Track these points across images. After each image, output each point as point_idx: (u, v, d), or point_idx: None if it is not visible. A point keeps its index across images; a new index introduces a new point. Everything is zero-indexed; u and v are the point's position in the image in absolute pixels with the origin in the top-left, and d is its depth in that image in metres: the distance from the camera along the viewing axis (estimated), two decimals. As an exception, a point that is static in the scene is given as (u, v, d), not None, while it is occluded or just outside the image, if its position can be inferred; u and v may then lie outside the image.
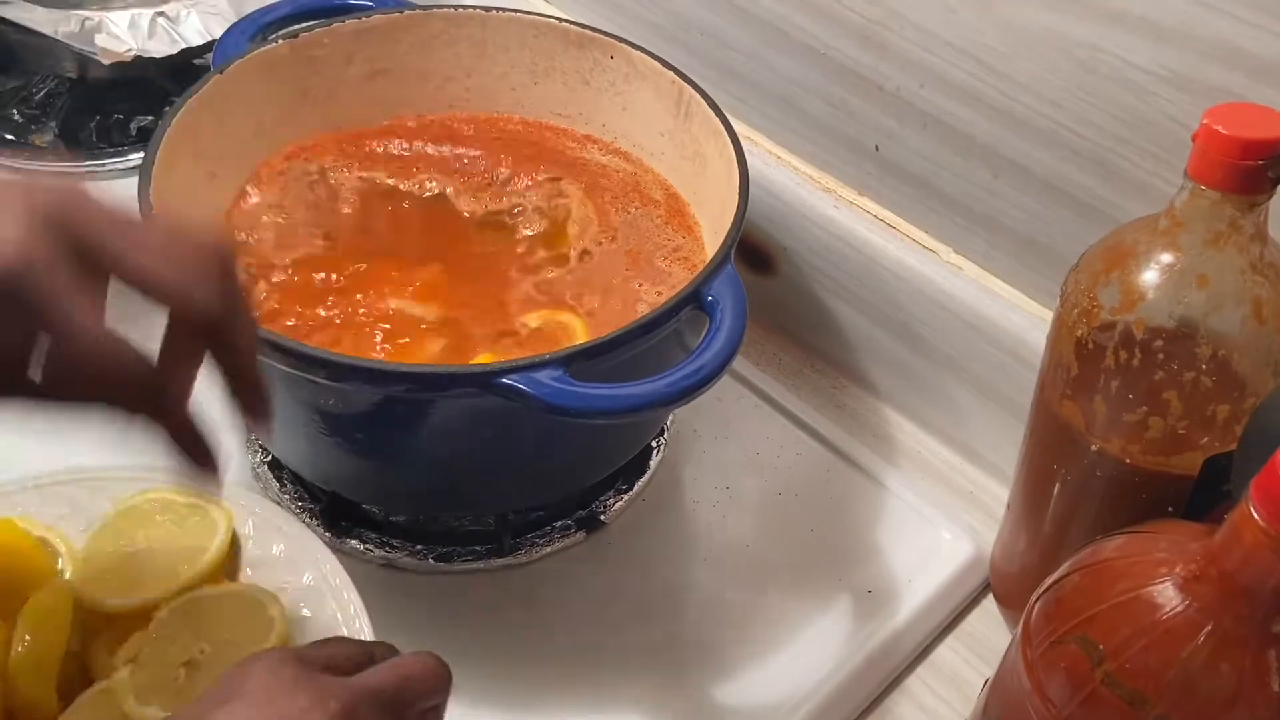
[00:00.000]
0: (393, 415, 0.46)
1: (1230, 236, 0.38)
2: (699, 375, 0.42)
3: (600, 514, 0.54)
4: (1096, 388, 0.41)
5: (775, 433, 0.58)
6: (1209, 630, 0.33)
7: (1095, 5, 0.45)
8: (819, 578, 0.52)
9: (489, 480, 0.50)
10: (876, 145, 0.57)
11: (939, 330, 0.57)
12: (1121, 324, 0.40)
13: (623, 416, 0.42)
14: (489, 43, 0.58)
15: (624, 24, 0.67)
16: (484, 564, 0.52)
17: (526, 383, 0.41)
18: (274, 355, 0.42)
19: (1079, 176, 0.49)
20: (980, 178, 0.53)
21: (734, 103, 0.62)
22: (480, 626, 0.50)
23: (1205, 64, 0.43)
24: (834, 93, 0.57)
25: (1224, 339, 0.39)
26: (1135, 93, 0.45)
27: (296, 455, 0.52)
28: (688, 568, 0.53)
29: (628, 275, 0.53)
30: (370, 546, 0.52)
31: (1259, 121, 0.36)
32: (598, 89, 0.59)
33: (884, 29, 0.53)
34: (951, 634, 0.52)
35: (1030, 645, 0.37)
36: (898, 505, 0.55)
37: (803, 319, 0.63)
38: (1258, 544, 0.31)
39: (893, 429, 0.61)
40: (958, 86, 0.52)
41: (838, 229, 0.59)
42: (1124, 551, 0.36)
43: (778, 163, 0.61)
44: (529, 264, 0.53)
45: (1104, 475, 0.43)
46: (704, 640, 0.50)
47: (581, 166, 0.58)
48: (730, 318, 0.44)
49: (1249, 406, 0.39)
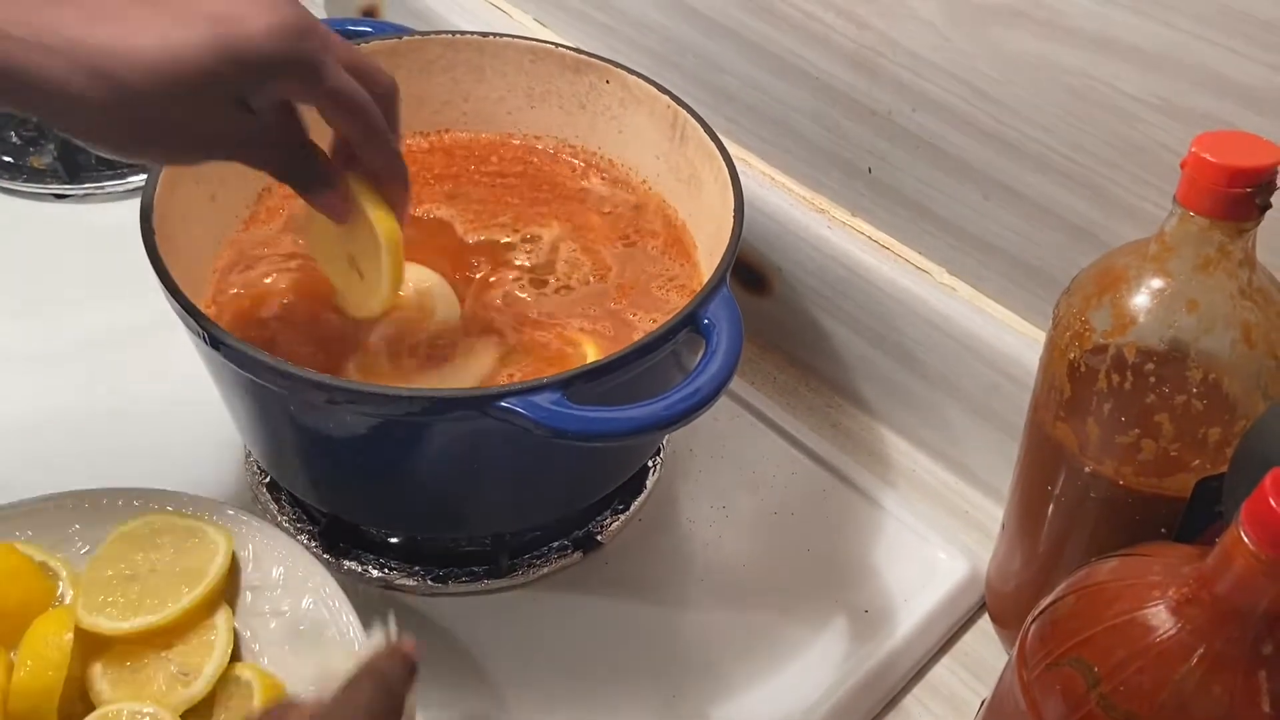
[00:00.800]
0: (391, 438, 0.46)
1: (1219, 262, 0.39)
2: (696, 398, 0.42)
3: (597, 534, 0.54)
4: (1089, 410, 0.42)
5: (771, 452, 0.59)
6: (1201, 652, 0.33)
7: (1085, 33, 0.46)
8: (815, 597, 0.53)
9: (486, 501, 0.50)
10: (869, 167, 0.58)
11: (933, 350, 0.57)
12: (1113, 347, 0.41)
13: (621, 439, 0.42)
14: (486, 67, 0.59)
15: (620, 49, 0.67)
16: (481, 585, 0.52)
17: (525, 406, 0.41)
18: (272, 378, 0.43)
19: (1070, 200, 0.50)
20: (972, 200, 0.54)
21: (728, 125, 0.63)
22: (478, 647, 0.50)
23: (1194, 92, 0.44)
24: (827, 116, 0.58)
25: (1214, 362, 0.40)
26: (1125, 119, 0.46)
27: (295, 477, 0.52)
28: (684, 588, 0.53)
29: (617, 308, 0.53)
30: (368, 568, 0.53)
31: (1246, 149, 0.37)
32: (594, 113, 0.59)
33: (876, 54, 0.54)
34: (948, 654, 0.52)
35: (1026, 667, 0.37)
36: (893, 524, 0.56)
37: (798, 338, 0.64)
38: (1248, 567, 0.31)
39: (888, 448, 0.61)
40: (949, 111, 0.52)
41: (832, 250, 0.59)
42: (1118, 574, 0.37)
43: (772, 184, 0.62)
44: (524, 286, 0.54)
45: (1097, 496, 0.43)
46: (701, 660, 0.50)
47: (581, 199, 0.58)
48: (726, 340, 0.44)
49: (1240, 429, 0.40)
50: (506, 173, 0.60)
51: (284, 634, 0.46)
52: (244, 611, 0.47)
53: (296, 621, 0.46)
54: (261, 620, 0.47)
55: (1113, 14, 0.45)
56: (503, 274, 0.54)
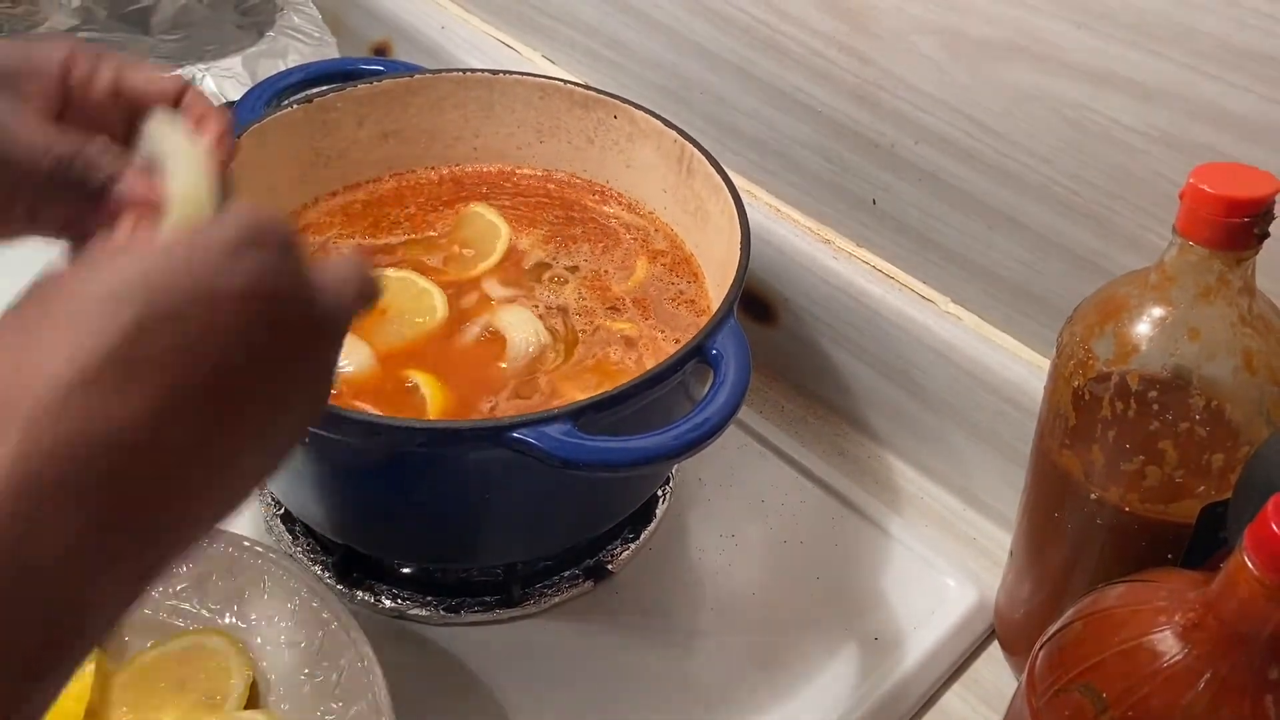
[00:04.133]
0: (403, 469, 0.47)
1: (1219, 290, 0.39)
2: (705, 428, 0.42)
3: (607, 563, 0.55)
4: (1094, 437, 0.42)
5: (779, 480, 0.59)
6: (1208, 678, 0.33)
7: (1083, 66, 0.47)
8: (825, 625, 0.53)
9: (498, 531, 0.51)
10: (874, 199, 0.59)
11: (938, 378, 0.58)
12: (1116, 375, 0.41)
13: (631, 469, 0.43)
14: (496, 104, 0.60)
15: (628, 84, 0.69)
16: (493, 614, 0.53)
17: (537, 437, 0.42)
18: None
19: (1072, 230, 0.50)
20: (976, 230, 0.54)
21: (734, 157, 0.64)
22: (490, 676, 0.51)
23: (1192, 124, 0.44)
24: (831, 148, 0.59)
25: (1217, 389, 0.40)
26: (1125, 151, 0.47)
27: (308, 508, 0.53)
28: (695, 616, 0.54)
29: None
30: (381, 598, 0.53)
31: (1244, 180, 0.38)
32: (602, 147, 0.60)
33: (878, 88, 0.55)
34: (959, 681, 0.52)
35: (1035, 693, 0.38)
36: (902, 552, 0.56)
37: (804, 368, 0.64)
38: (1253, 593, 0.31)
39: (895, 476, 0.62)
40: (951, 143, 0.53)
41: (837, 279, 0.60)
42: (1125, 600, 0.37)
43: (777, 215, 0.63)
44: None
45: (1104, 523, 0.44)
46: (711, 689, 0.50)
47: (599, 223, 0.59)
48: (734, 370, 0.45)
49: (1243, 455, 0.40)
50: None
51: (299, 664, 0.46)
52: (259, 642, 0.47)
53: (311, 652, 0.46)
54: (276, 651, 0.47)
55: (1110, 48, 0.46)
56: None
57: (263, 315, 0.26)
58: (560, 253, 0.58)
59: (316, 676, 0.46)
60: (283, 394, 0.27)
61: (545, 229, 0.59)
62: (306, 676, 0.46)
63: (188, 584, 0.49)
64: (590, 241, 0.59)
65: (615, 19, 0.67)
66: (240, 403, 0.26)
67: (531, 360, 0.52)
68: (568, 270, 0.57)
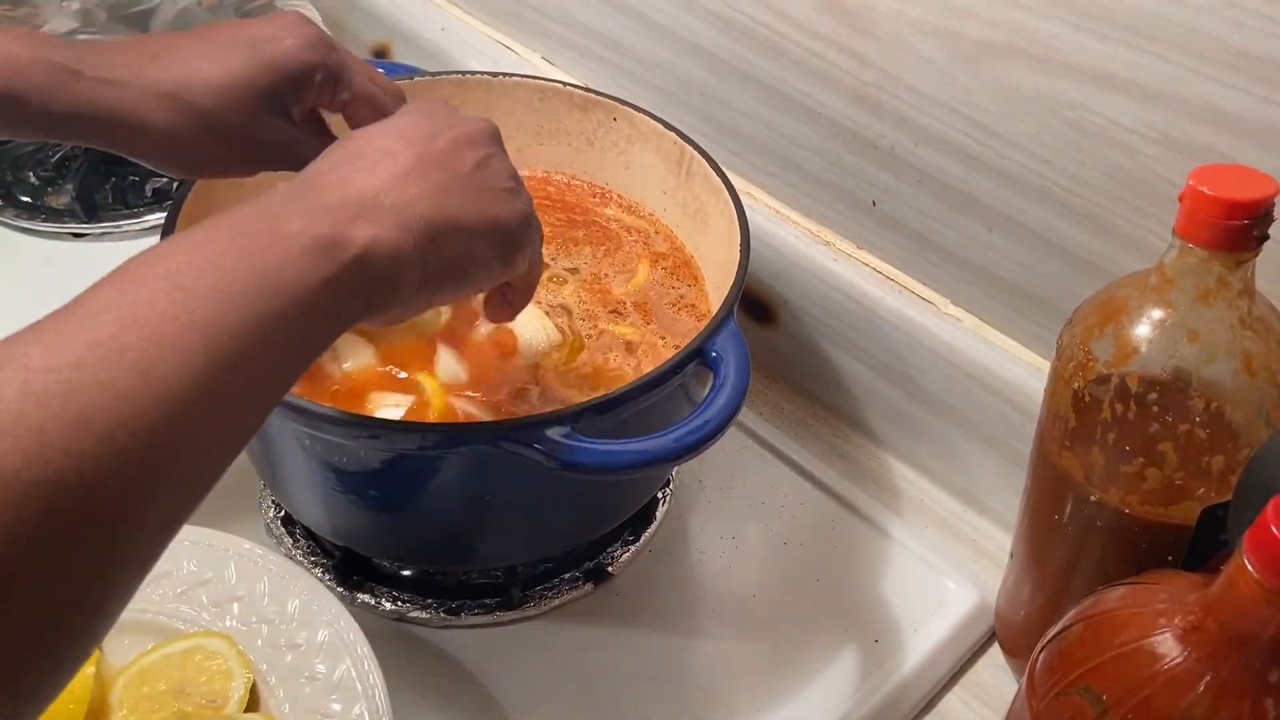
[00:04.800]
0: (404, 471, 0.47)
1: (1219, 292, 0.39)
2: (705, 430, 0.42)
3: (608, 565, 0.55)
4: (1094, 439, 0.42)
5: (779, 482, 0.59)
6: (1208, 680, 0.33)
7: (1082, 68, 0.47)
8: (825, 627, 0.53)
9: (498, 533, 0.51)
10: (874, 200, 0.59)
11: (938, 380, 0.58)
12: (1116, 377, 0.41)
13: (631, 472, 0.43)
14: (496, 106, 0.60)
15: (627, 86, 0.69)
16: (493, 617, 0.53)
17: (537, 439, 0.42)
18: (286, 414, 0.43)
19: (1072, 231, 0.50)
20: (976, 232, 0.54)
21: (734, 159, 0.64)
22: (490, 679, 0.51)
23: (1192, 125, 0.44)
24: (831, 150, 0.59)
25: (1216, 391, 0.40)
26: (1124, 152, 0.47)
27: (309, 511, 0.53)
28: (695, 618, 0.54)
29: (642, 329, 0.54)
30: (382, 600, 0.53)
31: (1243, 182, 0.38)
32: (602, 149, 0.60)
33: (878, 90, 0.55)
34: (959, 683, 0.52)
35: (1035, 696, 0.38)
36: (902, 554, 0.56)
37: (804, 369, 0.64)
38: (1252, 595, 0.31)
39: (895, 477, 0.62)
40: (951, 145, 0.53)
41: (837, 281, 0.60)
42: (1125, 602, 0.37)
43: (777, 217, 0.63)
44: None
45: (1104, 525, 0.44)
46: (711, 691, 0.50)
47: (601, 228, 0.59)
48: (734, 372, 0.45)
49: (1243, 457, 0.40)
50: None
51: (298, 666, 0.46)
52: (260, 645, 0.47)
53: (311, 654, 0.46)
54: (277, 653, 0.47)
55: (1110, 50, 0.46)
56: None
57: (482, 139, 0.41)
58: (560, 254, 0.58)
59: (317, 679, 0.46)
60: (494, 189, 0.40)
61: (547, 231, 0.59)
62: (307, 679, 0.46)
63: (188, 586, 0.49)
64: (592, 244, 0.59)
65: (615, 21, 0.67)
66: (477, 185, 0.39)
67: (539, 359, 0.52)
68: (567, 271, 0.57)
